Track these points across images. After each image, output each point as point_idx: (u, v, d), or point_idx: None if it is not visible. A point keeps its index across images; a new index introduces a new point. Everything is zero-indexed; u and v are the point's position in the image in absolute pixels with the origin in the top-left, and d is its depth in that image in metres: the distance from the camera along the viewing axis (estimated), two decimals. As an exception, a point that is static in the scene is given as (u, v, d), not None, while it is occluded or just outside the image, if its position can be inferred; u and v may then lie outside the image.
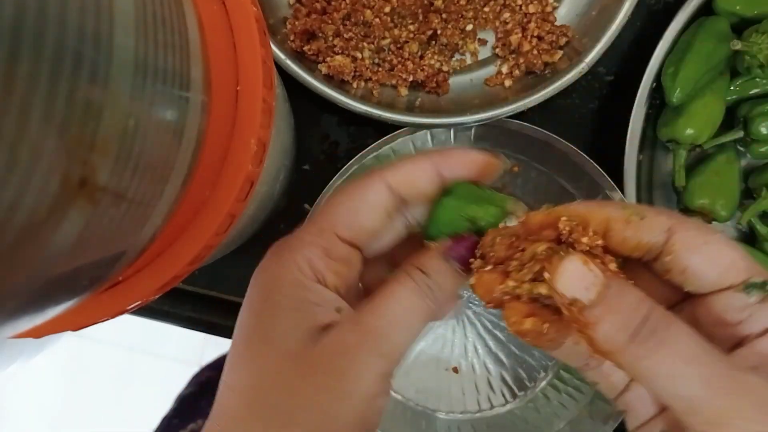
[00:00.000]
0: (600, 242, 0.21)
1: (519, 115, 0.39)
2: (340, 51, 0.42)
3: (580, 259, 0.20)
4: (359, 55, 0.42)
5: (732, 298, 0.20)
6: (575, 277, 0.20)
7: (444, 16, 0.42)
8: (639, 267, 0.22)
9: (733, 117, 0.43)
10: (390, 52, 0.43)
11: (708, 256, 0.20)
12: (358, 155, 0.39)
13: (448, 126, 0.39)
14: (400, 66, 0.42)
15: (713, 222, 0.43)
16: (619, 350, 0.19)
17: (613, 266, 0.21)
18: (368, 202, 0.24)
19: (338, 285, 0.24)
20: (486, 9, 0.43)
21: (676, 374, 0.19)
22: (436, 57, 0.43)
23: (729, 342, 0.21)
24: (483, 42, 0.44)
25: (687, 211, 0.43)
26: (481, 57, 0.44)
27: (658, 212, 0.21)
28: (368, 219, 0.24)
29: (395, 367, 0.23)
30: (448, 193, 0.25)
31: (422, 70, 0.42)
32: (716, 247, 0.20)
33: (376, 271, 0.28)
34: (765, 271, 0.20)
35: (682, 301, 0.23)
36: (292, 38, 0.41)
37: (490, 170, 0.25)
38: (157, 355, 1.31)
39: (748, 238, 0.45)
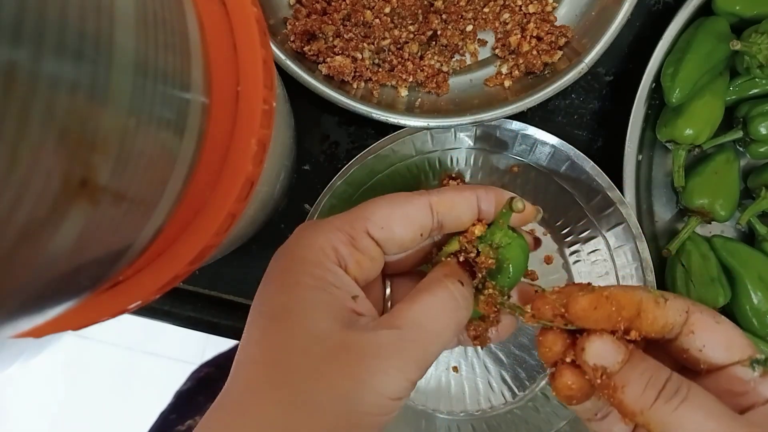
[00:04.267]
0: (637, 336, 0.24)
1: (519, 116, 0.39)
2: (340, 51, 0.42)
3: (608, 337, 0.23)
4: (359, 56, 0.42)
5: (738, 371, 0.23)
6: (602, 349, 0.23)
7: (444, 16, 0.42)
8: (651, 350, 0.25)
9: (732, 117, 0.43)
10: (390, 53, 0.43)
11: (721, 335, 0.23)
12: (358, 155, 0.39)
13: (447, 126, 0.39)
14: (400, 66, 0.42)
15: (712, 222, 0.43)
16: (646, 408, 0.22)
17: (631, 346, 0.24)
18: (407, 214, 0.25)
19: (357, 275, 0.25)
20: (486, 10, 0.43)
21: (701, 428, 0.21)
22: (436, 57, 0.43)
23: (734, 410, 0.22)
24: (483, 42, 0.44)
25: (686, 210, 0.43)
26: (480, 57, 0.44)
27: (675, 296, 0.24)
28: (401, 228, 0.25)
29: (423, 375, 0.23)
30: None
31: (422, 70, 0.42)
32: (726, 326, 0.24)
33: (404, 289, 0.28)
34: (759, 349, 0.25)
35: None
36: (292, 39, 0.41)
37: (528, 216, 0.27)
38: (158, 355, 1.31)
39: (747, 238, 0.45)
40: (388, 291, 0.29)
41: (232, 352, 0.73)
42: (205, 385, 0.65)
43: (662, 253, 0.43)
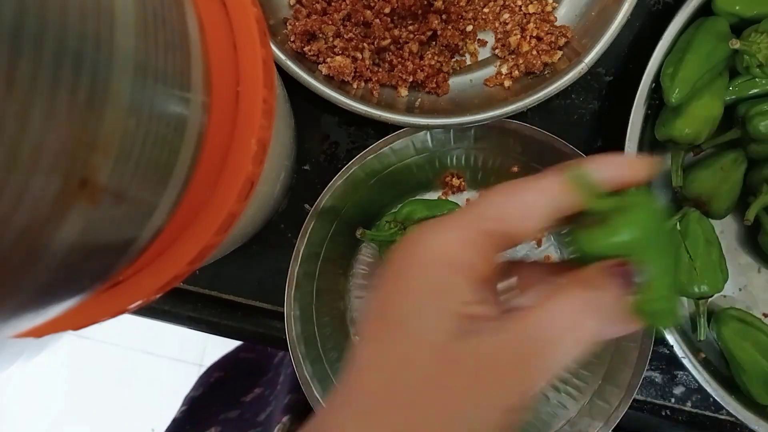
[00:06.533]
0: None
1: (519, 116, 0.39)
2: (340, 51, 0.42)
3: None
4: (359, 56, 0.42)
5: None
6: None
7: (444, 16, 0.42)
8: None
9: (731, 117, 0.43)
10: (390, 53, 0.43)
11: None
12: (358, 155, 0.39)
13: (447, 126, 0.39)
14: (400, 66, 0.42)
15: (710, 220, 0.43)
16: None
17: None
18: (522, 203, 0.23)
19: (471, 277, 0.23)
20: (486, 10, 0.43)
21: None
22: (436, 57, 0.43)
23: None
24: (483, 43, 0.44)
25: (684, 199, 0.43)
26: (480, 57, 0.44)
27: None
28: (520, 219, 0.23)
29: (546, 383, 0.21)
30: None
31: (422, 70, 0.42)
32: None
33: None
34: None
35: None
36: (292, 39, 0.41)
37: (649, 171, 0.24)
38: (158, 355, 1.31)
39: (750, 236, 0.45)
40: (513, 279, 0.26)
41: (238, 353, 0.72)
42: (216, 390, 0.64)
43: None
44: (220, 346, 0.67)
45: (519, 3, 0.43)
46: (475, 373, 0.21)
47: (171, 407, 0.64)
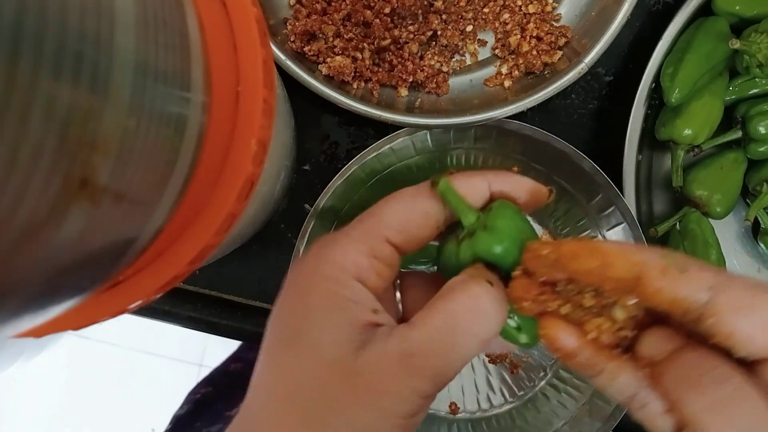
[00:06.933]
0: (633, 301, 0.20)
1: (519, 116, 0.39)
2: (340, 51, 0.42)
3: (658, 331, 0.21)
4: (359, 56, 0.42)
5: None
6: (650, 341, 0.21)
7: (444, 17, 0.42)
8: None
9: (731, 117, 0.43)
10: (390, 53, 0.43)
11: (758, 319, 0.18)
12: (358, 155, 0.39)
13: (447, 126, 0.39)
14: (400, 66, 0.42)
15: (709, 219, 0.43)
16: (680, 399, 0.19)
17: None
18: (422, 211, 0.24)
19: (377, 286, 0.24)
20: (486, 10, 0.43)
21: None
22: (436, 57, 0.43)
23: None
24: (483, 43, 0.44)
25: (684, 200, 0.43)
26: (480, 57, 0.44)
27: (701, 267, 0.20)
28: (420, 227, 0.24)
29: (441, 389, 0.22)
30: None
31: (422, 70, 0.42)
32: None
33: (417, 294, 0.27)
34: None
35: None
36: (292, 39, 0.41)
37: (539, 197, 0.25)
38: (158, 355, 1.31)
39: (750, 236, 0.45)
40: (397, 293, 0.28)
41: (229, 365, 0.72)
42: (202, 407, 0.64)
43: (648, 233, 0.43)
44: (220, 346, 0.67)
45: (519, 3, 0.43)
46: (370, 382, 0.21)
47: (171, 407, 0.64)
